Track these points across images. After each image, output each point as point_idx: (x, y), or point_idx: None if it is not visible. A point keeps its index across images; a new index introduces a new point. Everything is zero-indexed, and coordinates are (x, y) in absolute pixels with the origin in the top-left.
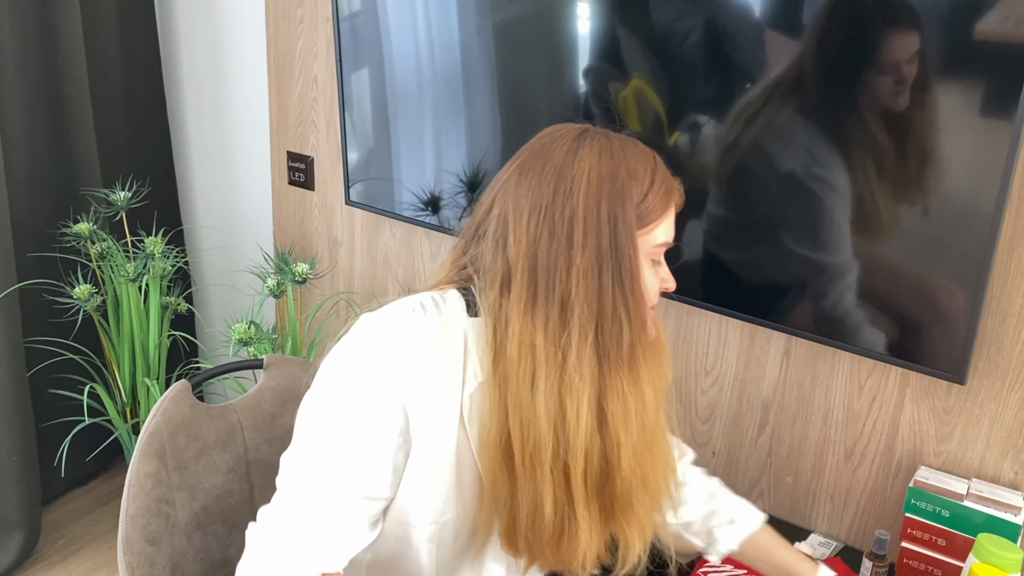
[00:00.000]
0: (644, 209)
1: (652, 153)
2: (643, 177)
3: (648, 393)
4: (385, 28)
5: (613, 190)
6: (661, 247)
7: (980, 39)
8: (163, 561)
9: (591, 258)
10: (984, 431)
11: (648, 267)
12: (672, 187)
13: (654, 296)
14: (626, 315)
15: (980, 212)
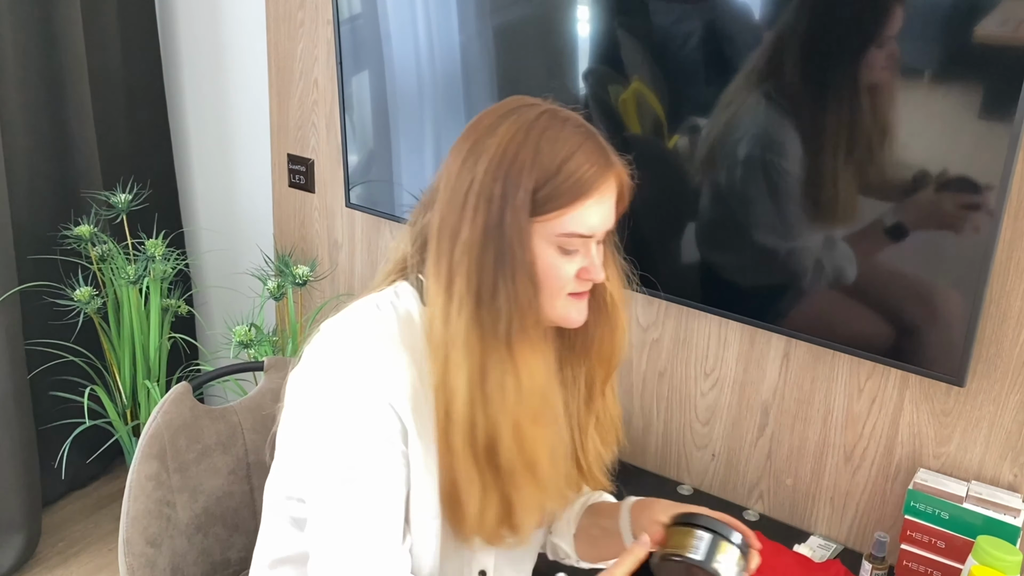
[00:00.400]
0: (544, 195)
1: (582, 141)
2: (551, 163)
3: (532, 377)
4: (385, 31)
5: (512, 170)
6: (571, 237)
7: (979, 42)
8: (164, 563)
9: (477, 234)
10: (983, 433)
11: (555, 254)
12: (590, 178)
13: (559, 284)
14: (506, 296)
15: (978, 215)
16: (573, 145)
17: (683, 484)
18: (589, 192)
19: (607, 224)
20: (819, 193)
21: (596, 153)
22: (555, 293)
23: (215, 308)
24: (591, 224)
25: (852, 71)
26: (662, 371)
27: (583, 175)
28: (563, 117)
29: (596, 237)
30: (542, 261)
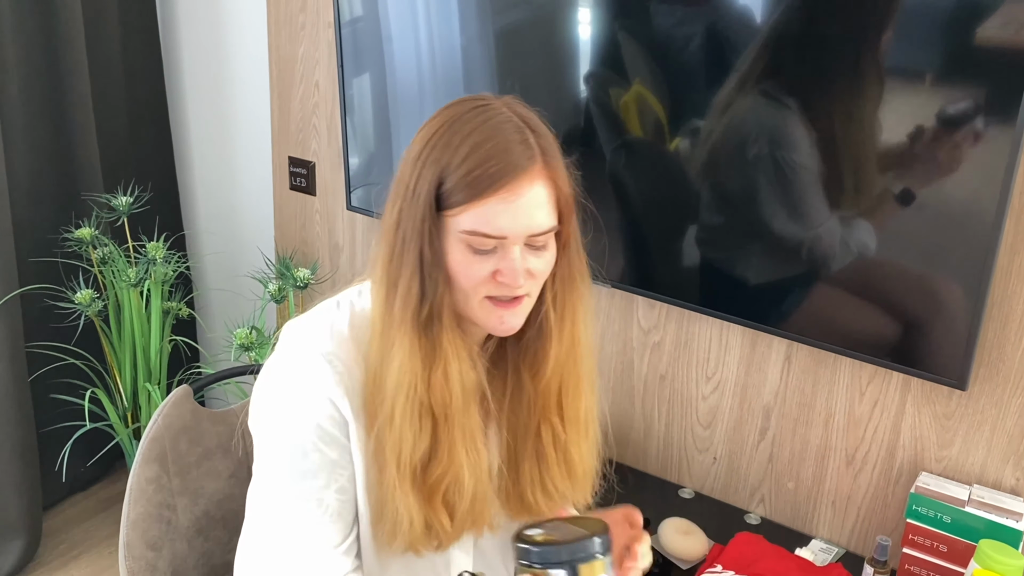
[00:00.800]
0: (447, 190)
1: (494, 137)
2: (455, 157)
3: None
4: (387, 34)
5: (424, 163)
6: (475, 236)
7: (980, 44)
8: (164, 566)
9: (391, 224)
10: (985, 437)
11: (465, 251)
12: (492, 176)
13: (470, 283)
14: (409, 286)
15: (980, 219)
16: (482, 141)
17: (684, 487)
18: (490, 191)
19: (524, 228)
20: (827, 187)
21: (507, 151)
22: (469, 293)
23: (216, 311)
24: (498, 225)
25: (852, 71)
26: (663, 374)
27: (484, 172)
28: (493, 113)
29: (511, 240)
30: (451, 257)
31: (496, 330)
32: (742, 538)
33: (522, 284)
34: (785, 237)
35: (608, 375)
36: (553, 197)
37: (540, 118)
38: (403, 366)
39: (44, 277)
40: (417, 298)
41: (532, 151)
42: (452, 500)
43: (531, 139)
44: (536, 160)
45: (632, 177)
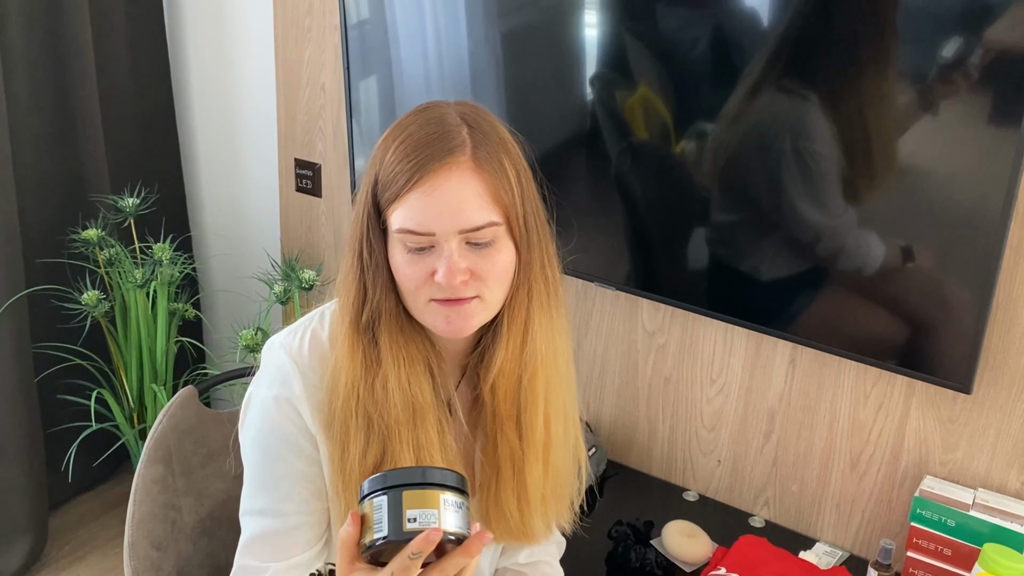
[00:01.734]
0: (379, 189)
1: (414, 132)
2: (386, 155)
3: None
4: (394, 36)
5: (370, 164)
6: (405, 233)
7: (986, 45)
8: (169, 567)
9: (349, 229)
10: (990, 441)
11: (403, 252)
12: (409, 169)
13: (411, 284)
14: (360, 289)
15: (987, 221)
16: (407, 137)
17: (688, 490)
18: (409, 184)
19: (451, 223)
20: (839, 181)
21: (428, 145)
22: (412, 295)
23: (222, 312)
24: (422, 220)
25: (860, 71)
26: (668, 377)
27: (404, 167)
28: (431, 113)
29: (441, 236)
30: (393, 260)
31: (444, 332)
32: (746, 541)
33: (460, 284)
34: (793, 236)
35: (612, 377)
36: (487, 192)
37: (499, 122)
38: (346, 372)
39: (51, 278)
40: (358, 303)
41: (456, 142)
42: None
43: (463, 132)
44: (462, 152)
45: (637, 179)
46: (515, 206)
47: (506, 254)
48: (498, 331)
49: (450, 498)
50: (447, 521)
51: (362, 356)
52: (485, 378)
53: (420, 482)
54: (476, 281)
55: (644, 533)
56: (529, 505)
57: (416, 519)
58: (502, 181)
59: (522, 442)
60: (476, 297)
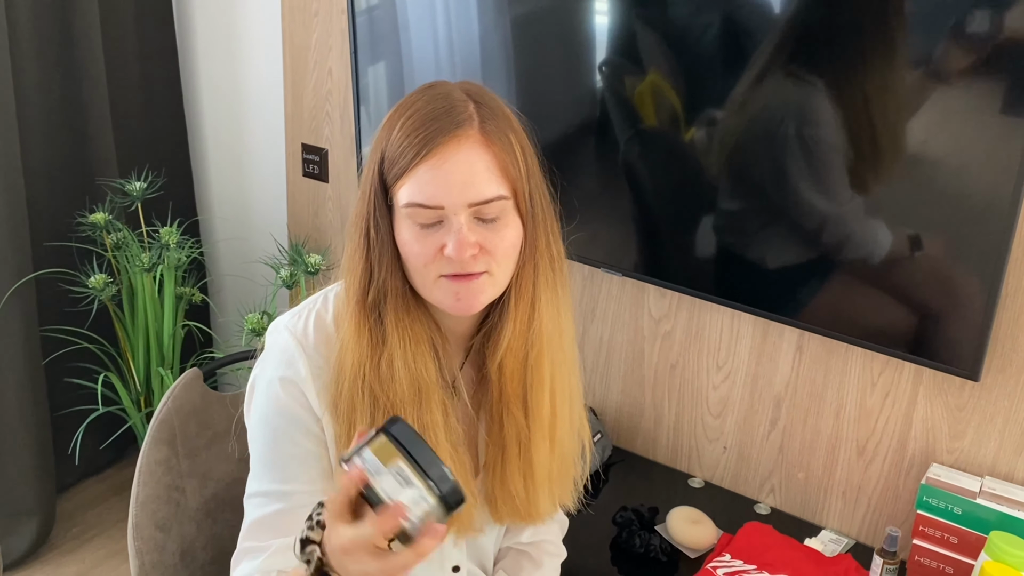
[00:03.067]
0: (387, 165)
1: (421, 106)
2: (393, 131)
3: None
4: (404, 22)
5: (376, 142)
6: (414, 207)
7: (997, 36)
8: (173, 547)
9: (355, 208)
10: (998, 428)
11: (411, 227)
12: (419, 142)
13: (420, 260)
14: (367, 267)
15: (996, 209)
16: (415, 113)
17: (694, 477)
18: (418, 158)
19: (460, 196)
20: (847, 168)
21: (436, 119)
22: (420, 271)
23: (229, 296)
24: (431, 193)
25: (868, 58)
26: (674, 363)
27: (412, 141)
28: (437, 91)
29: (450, 210)
30: (400, 237)
31: (453, 308)
32: (751, 528)
33: (470, 258)
34: (802, 222)
35: (619, 364)
36: (496, 166)
37: (502, 101)
38: (351, 351)
39: (58, 261)
40: (364, 281)
41: (464, 116)
42: None
43: (470, 108)
44: (470, 126)
45: (646, 166)
46: (521, 181)
47: (513, 229)
48: (505, 309)
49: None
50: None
51: (368, 335)
52: (492, 356)
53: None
54: (485, 255)
55: (649, 519)
56: (535, 484)
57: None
58: (510, 155)
59: (528, 420)
60: (485, 272)
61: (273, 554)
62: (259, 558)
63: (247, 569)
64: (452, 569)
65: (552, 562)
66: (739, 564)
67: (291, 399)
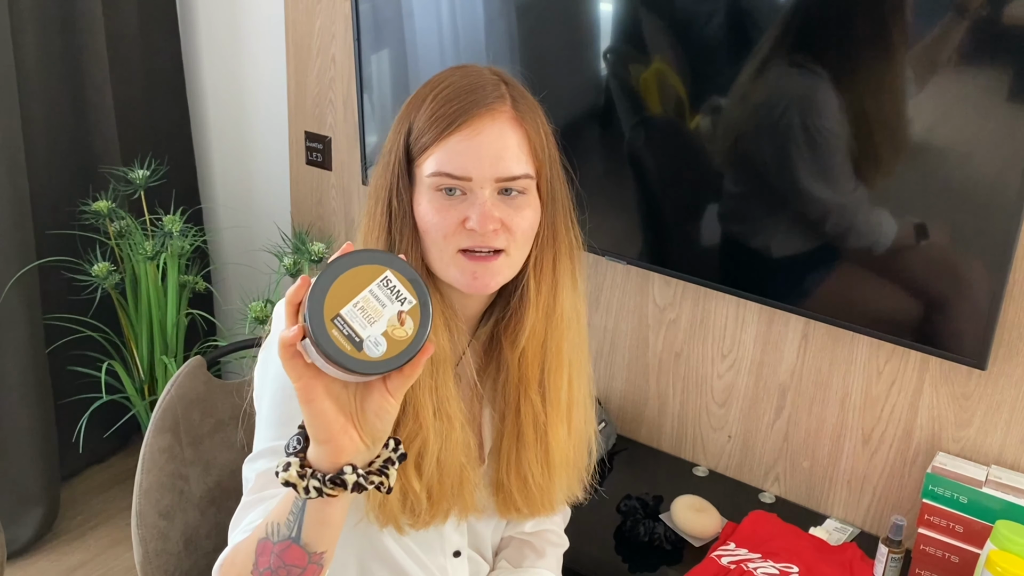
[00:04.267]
0: (415, 136)
1: (453, 80)
2: (420, 103)
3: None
4: (408, 8)
5: (402, 117)
6: (441, 176)
7: (1006, 23)
8: (176, 535)
9: (375, 181)
10: (1004, 417)
11: (434, 198)
12: (451, 114)
13: (439, 232)
14: (375, 239)
15: (1003, 197)
16: (447, 86)
17: (698, 465)
18: (452, 127)
19: (491, 169)
20: (852, 156)
21: (471, 92)
22: (439, 245)
23: (232, 284)
24: (461, 164)
25: (879, 43)
26: (679, 352)
27: (447, 111)
28: (468, 70)
29: (477, 182)
30: (421, 208)
31: (469, 286)
32: (756, 516)
33: (493, 232)
34: (809, 210)
35: (623, 352)
36: (526, 145)
37: (524, 83)
38: None
39: (62, 249)
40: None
41: (497, 93)
42: (423, 468)
43: (502, 88)
44: (504, 102)
45: (651, 154)
46: (545, 165)
47: (533, 210)
48: (525, 293)
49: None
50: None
51: None
52: (514, 342)
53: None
54: (506, 232)
55: (653, 507)
56: (552, 470)
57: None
58: (538, 137)
59: (546, 405)
60: (503, 252)
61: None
62: (259, 507)
63: (252, 518)
64: (453, 554)
65: (555, 552)
66: (744, 552)
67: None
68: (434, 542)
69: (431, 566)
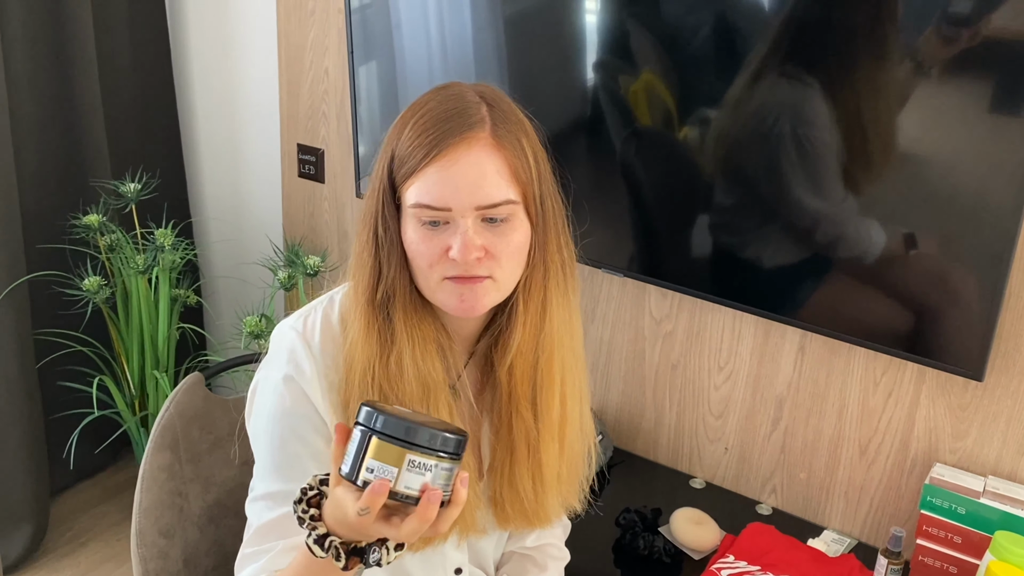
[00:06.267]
0: (396, 165)
1: (432, 107)
2: (404, 131)
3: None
4: (396, 21)
5: (386, 142)
6: (421, 208)
7: (999, 37)
8: (176, 554)
9: (367, 194)
10: (1001, 428)
11: (418, 227)
12: (428, 143)
13: (424, 261)
14: (375, 267)
15: (998, 208)
16: (426, 113)
17: (695, 477)
18: (427, 158)
19: (469, 199)
20: (844, 166)
21: (447, 121)
22: (425, 273)
23: (223, 298)
24: (439, 194)
25: (869, 54)
26: (675, 364)
27: (423, 142)
28: (450, 92)
29: (458, 212)
30: (406, 236)
31: (456, 310)
32: (754, 528)
33: (476, 261)
34: (801, 221)
35: (619, 364)
36: (506, 170)
37: (513, 101)
38: (361, 348)
39: (52, 264)
40: (373, 280)
41: (476, 119)
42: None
43: (482, 110)
44: (481, 128)
45: (643, 166)
46: (532, 185)
47: (521, 233)
48: (514, 312)
49: (419, 459)
50: (404, 482)
51: (377, 334)
52: (503, 359)
53: (391, 435)
54: (489, 260)
55: (652, 520)
56: (544, 485)
57: (373, 471)
58: (520, 159)
59: (538, 422)
60: (488, 277)
61: (277, 555)
62: (262, 560)
63: (250, 572)
64: (455, 572)
65: (556, 565)
66: (743, 565)
67: (298, 397)
68: (435, 560)
69: None
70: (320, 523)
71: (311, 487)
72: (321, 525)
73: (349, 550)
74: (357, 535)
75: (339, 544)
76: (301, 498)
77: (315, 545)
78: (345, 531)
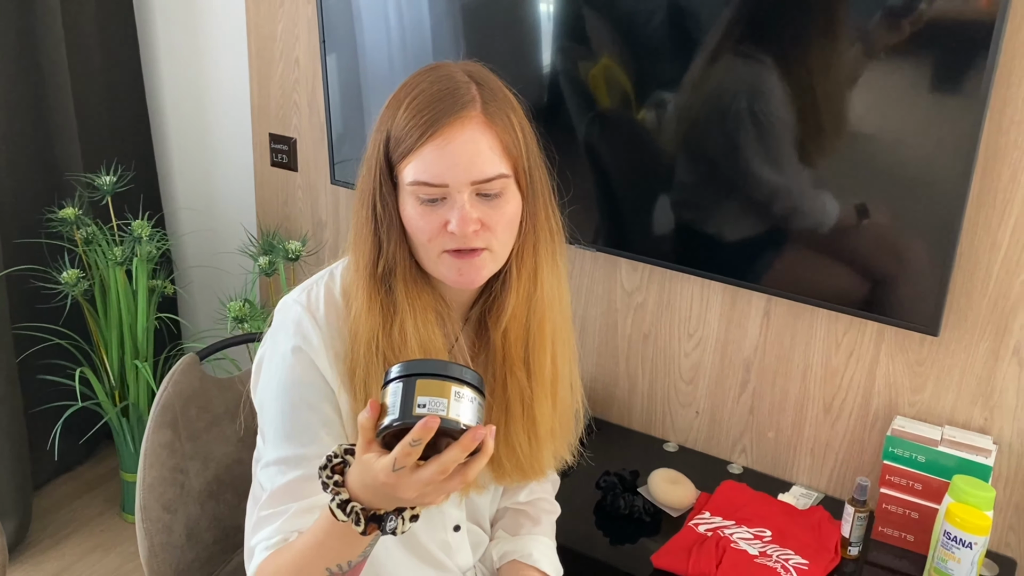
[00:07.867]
0: (393, 144)
1: (427, 87)
2: (399, 111)
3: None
4: (357, 10)
5: (381, 122)
6: (418, 185)
7: (937, 14)
8: (179, 528)
9: (359, 185)
10: (955, 380)
11: (416, 204)
12: (424, 123)
13: (424, 236)
14: (374, 242)
15: (946, 177)
16: (419, 93)
17: (668, 441)
18: (424, 138)
19: (465, 175)
20: (803, 137)
21: (440, 100)
22: (425, 247)
23: (198, 287)
24: (436, 172)
25: (822, 30)
26: (647, 333)
27: (418, 121)
28: (440, 72)
29: (454, 188)
30: (405, 212)
31: (456, 283)
32: (727, 486)
33: (473, 233)
34: (760, 194)
35: (593, 336)
36: (497, 146)
37: (499, 78)
38: (365, 319)
39: (29, 258)
40: (373, 254)
41: (467, 98)
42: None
43: (472, 89)
44: (473, 107)
45: (607, 147)
46: (522, 158)
47: (514, 205)
48: (507, 279)
49: (464, 392)
50: (456, 411)
51: (380, 305)
52: (497, 324)
53: (435, 372)
54: (485, 232)
55: (631, 482)
56: (539, 440)
57: (425, 405)
58: (510, 134)
59: (531, 381)
60: (485, 249)
61: (292, 516)
62: (277, 522)
63: (266, 534)
64: (453, 528)
65: (548, 518)
66: (719, 520)
67: (307, 367)
68: (435, 518)
69: (433, 541)
70: (343, 489)
71: (336, 455)
72: (344, 491)
73: (369, 516)
74: (379, 500)
75: (360, 510)
76: (326, 464)
77: (338, 509)
78: (369, 496)
